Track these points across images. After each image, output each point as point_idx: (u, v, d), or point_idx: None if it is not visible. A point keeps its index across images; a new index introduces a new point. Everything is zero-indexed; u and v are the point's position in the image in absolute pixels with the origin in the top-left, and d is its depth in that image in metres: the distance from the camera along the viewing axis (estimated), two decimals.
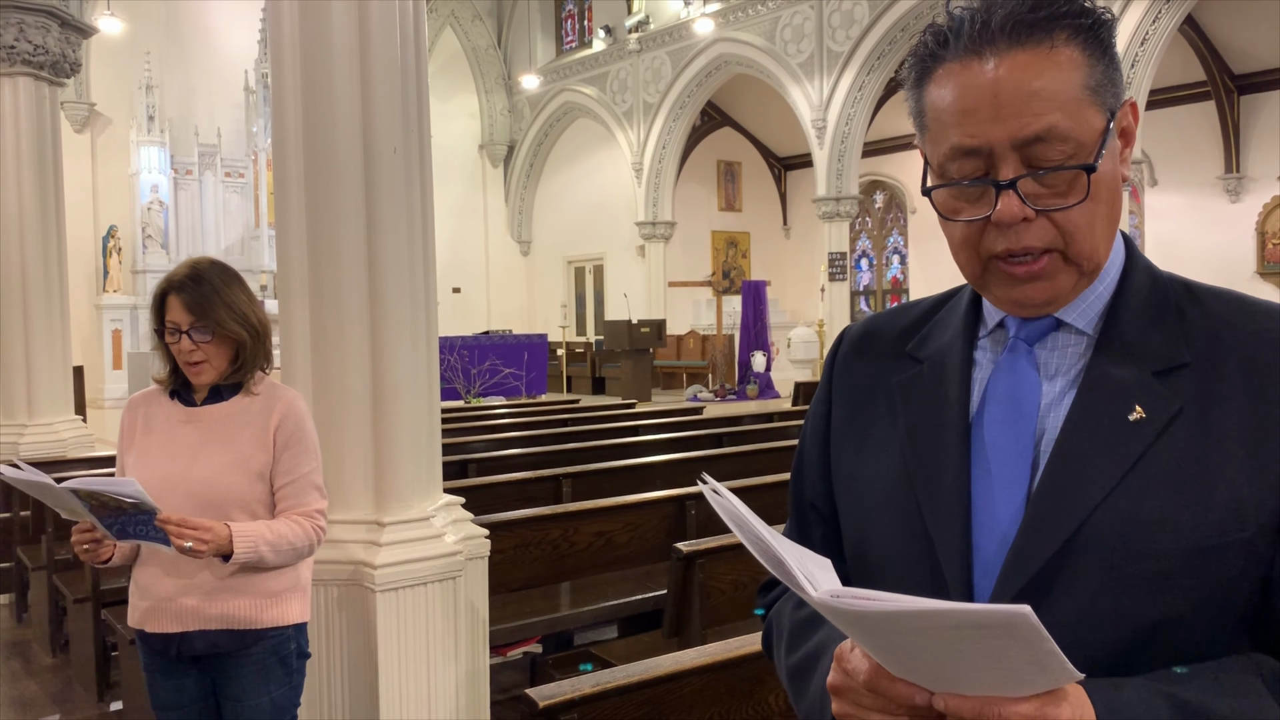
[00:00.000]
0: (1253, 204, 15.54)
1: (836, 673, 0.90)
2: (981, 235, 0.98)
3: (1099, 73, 0.96)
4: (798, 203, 22.02)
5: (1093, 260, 0.98)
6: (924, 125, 1.01)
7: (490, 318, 22.33)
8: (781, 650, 1.14)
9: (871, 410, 1.12)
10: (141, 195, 17.15)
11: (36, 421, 6.74)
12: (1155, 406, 0.95)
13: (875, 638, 0.82)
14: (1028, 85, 0.93)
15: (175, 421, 2.43)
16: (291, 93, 3.03)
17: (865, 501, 1.09)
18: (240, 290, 2.43)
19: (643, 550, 4.34)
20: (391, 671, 2.93)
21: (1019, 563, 0.95)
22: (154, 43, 17.48)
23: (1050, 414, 1.00)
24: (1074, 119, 0.94)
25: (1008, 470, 0.99)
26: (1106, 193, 0.97)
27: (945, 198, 1.00)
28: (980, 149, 0.95)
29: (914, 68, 1.01)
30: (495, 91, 23.03)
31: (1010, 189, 0.94)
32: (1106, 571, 0.92)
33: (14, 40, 6.49)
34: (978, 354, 1.07)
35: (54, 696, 4.73)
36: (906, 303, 1.21)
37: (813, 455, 1.19)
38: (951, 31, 0.97)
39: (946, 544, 0.99)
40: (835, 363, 1.20)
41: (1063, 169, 0.94)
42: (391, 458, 3.04)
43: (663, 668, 2.18)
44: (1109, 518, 0.93)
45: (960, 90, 0.96)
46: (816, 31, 16.73)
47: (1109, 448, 0.95)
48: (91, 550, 2.27)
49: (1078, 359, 1.01)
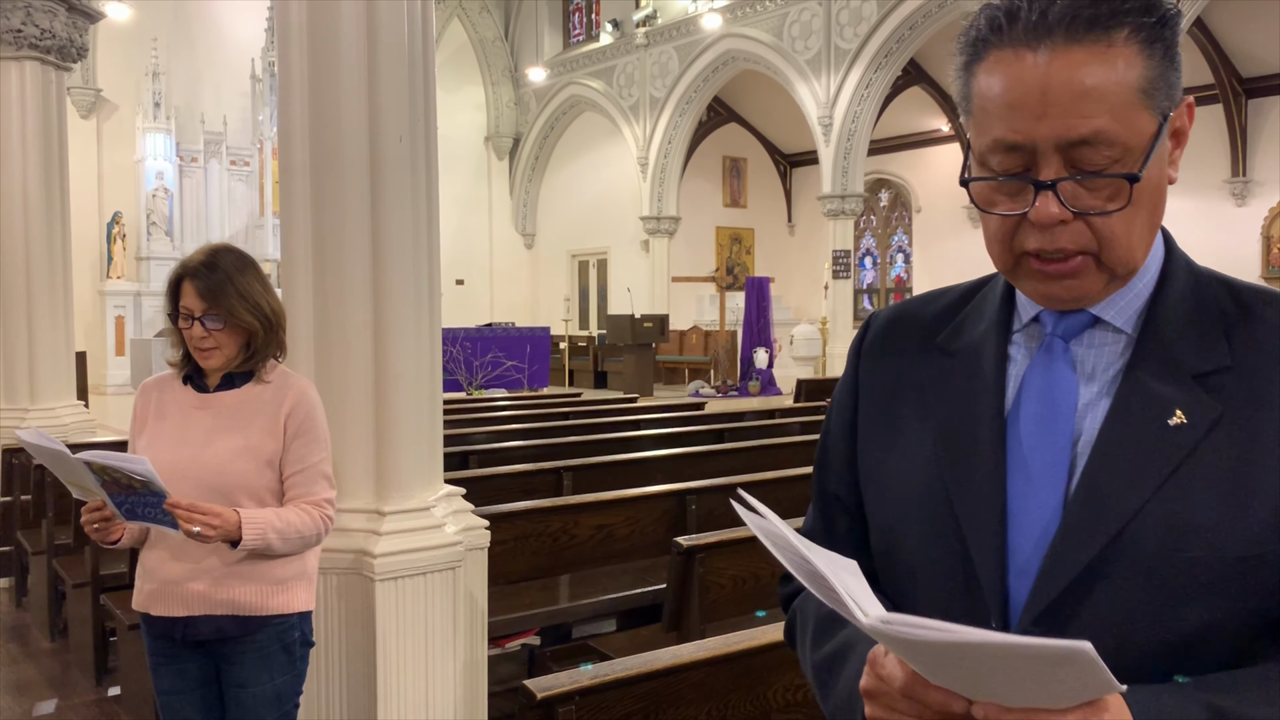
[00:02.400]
0: (1259, 208, 15.52)
1: (870, 677, 0.88)
2: (1016, 230, 0.96)
3: (1156, 75, 0.92)
4: (803, 200, 22.00)
5: (1127, 265, 0.96)
6: (969, 110, 0.98)
7: (493, 310, 22.33)
8: (806, 643, 1.12)
9: (901, 403, 1.09)
10: (147, 182, 17.17)
11: (38, 406, 6.74)
12: (1196, 412, 0.93)
13: (919, 657, 0.81)
14: (1079, 85, 0.89)
15: (187, 407, 2.43)
16: (298, 80, 3.02)
17: (895, 498, 1.07)
18: (255, 279, 2.42)
19: (643, 544, 4.34)
20: (390, 660, 2.93)
21: (1056, 567, 0.93)
22: (161, 29, 17.47)
23: (1088, 415, 0.97)
24: (1123, 123, 0.90)
25: (1045, 471, 0.97)
26: (1149, 198, 0.94)
27: (983, 190, 0.97)
28: (1023, 145, 0.92)
29: (964, 49, 0.97)
30: (502, 84, 23.01)
31: (1050, 190, 0.92)
32: (1143, 578, 0.90)
33: (21, 24, 6.48)
34: (1012, 349, 1.04)
35: (52, 681, 4.73)
36: (936, 290, 1.17)
37: (838, 447, 1.16)
38: (1006, 16, 0.92)
39: (981, 545, 0.97)
40: (862, 351, 1.17)
41: (1105, 176, 0.91)
42: (393, 447, 3.04)
43: (662, 661, 2.18)
44: (1148, 524, 0.91)
45: (1009, 82, 0.92)
46: (824, 28, 16.70)
47: (1149, 453, 0.92)
48: (101, 529, 2.28)
49: (1115, 358, 0.98)
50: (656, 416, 8.39)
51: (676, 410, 9.07)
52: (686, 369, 19.00)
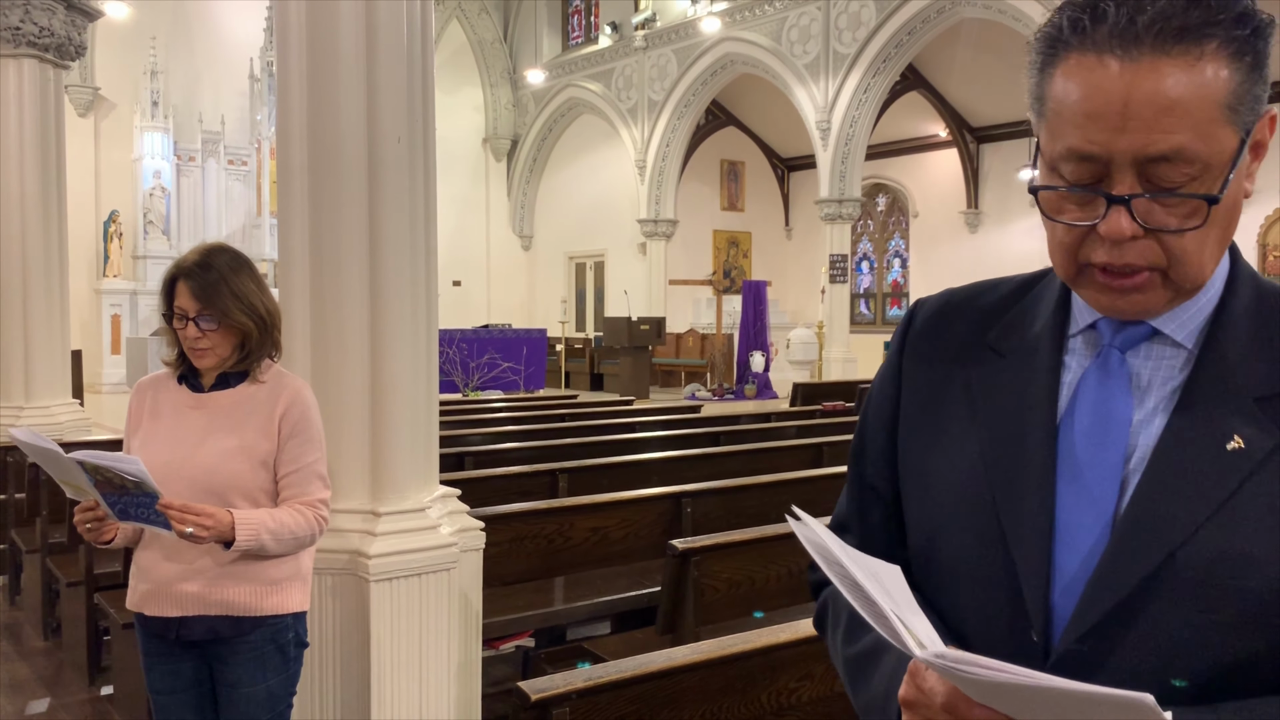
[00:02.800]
0: (1254, 216, 15.53)
1: (910, 688, 0.88)
2: (1083, 240, 0.92)
3: (1243, 89, 0.87)
4: (800, 204, 22.01)
5: (1195, 283, 0.92)
6: (1042, 112, 0.93)
7: (490, 312, 22.32)
8: (838, 638, 1.11)
9: (947, 401, 1.06)
10: (144, 181, 17.15)
11: (33, 404, 6.73)
12: (1255, 436, 0.90)
13: (974, 690, 0.80)
14: (1163, 99, 0.85)
15: (182, 407, 2.42)
16: (297, 80, 3.02)
17: (938, 499, 1.04)
18: (250, 279, 2.41)
19: (638, 547, 4.34)
20: (384, 661, 2.92)
21: (1102, 588, 0.90)
22: (160, 28, 17.46)
23: (1142, 431, 0.94)
24: (1205, 141, 0.86)
25: (1096, 486, 0.94)
26: (1224, 216, 0.91)
27: (1051, 196, 0.93)
28: (1099, 157, 0.88)
29: (1041, 48, 0.92)
30: (500, 85, 23.01)
31: (1123, 205, 0.88)
32: (1191, 605, 0.88)
33: (19, 22, 6.47)
34: (1067, 356, 1.01)
35: (45, 680, 4.72)
36: (987, 281, 1.13)
37: (878, 439, 1.13)
38: (1091, 18, 0.87)
39: (1026, 556, 0.95)
40: (907, 341, 1.13)
41: (1182, 195, 0.87)
42: (389, 448, 3.04)
43: (656, 664, 2.17)
44: (1198, 551, 0.88)
45: (1089, 90, 0.87)
46: (823, 33, 16.72)
47: (1204, 476, 0.90)
48: (94, 529, 2.27)
49: (1174, 374, 0.95)
50: (652, 419, 8.39)
51: (673, 413, 9.07)
52: (683, 372, 19.00)
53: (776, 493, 4.81)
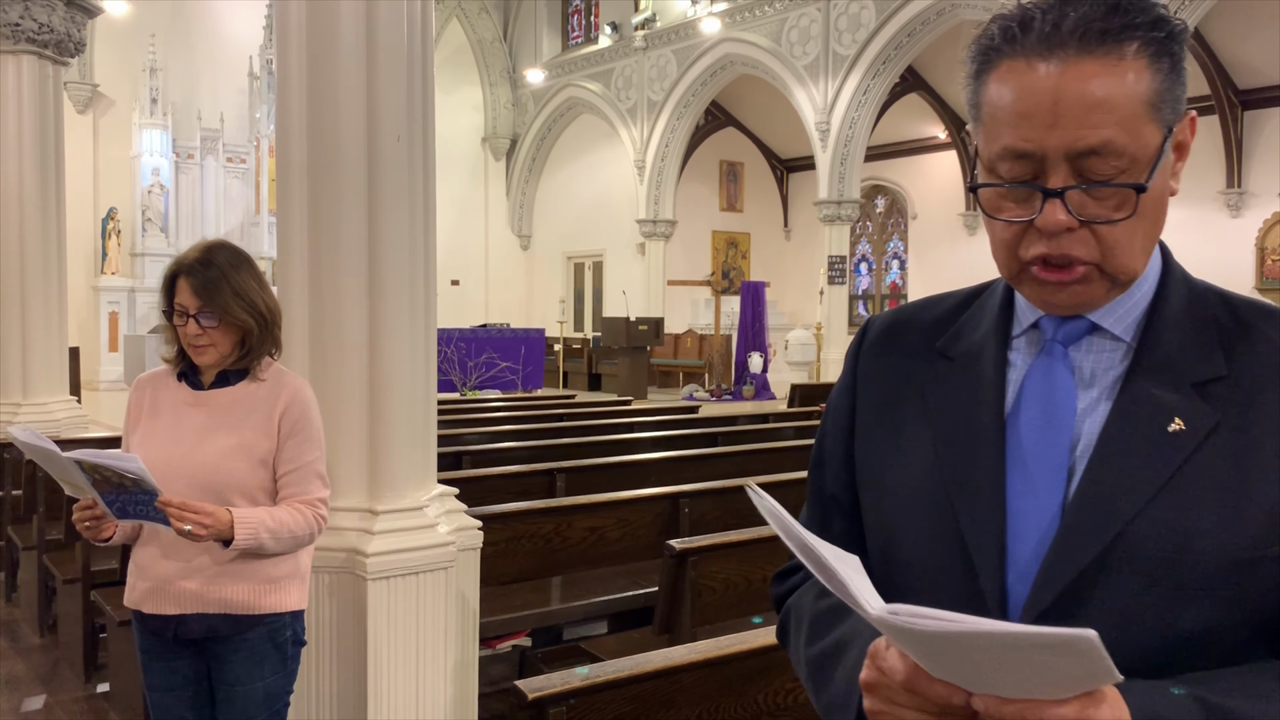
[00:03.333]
0: (1253, 219, 15.55)
1: (871, 669, 0.89)
2: (1022, 236, 0.98)
3: (1163, 88, 0.94)
4: (799, 205, 22.02)
5: (1129, 274, 0.98)
6: (979, 117, 1.00)
7: (488, 311, 22.31)
8: (801, 641, 1.13)
9: (900, 406, 1.11)
10: (142, 178, 17.14)
11: (31, 401, 6.71)
12: (1194, 418, 0.95)
13: (924, 648, 0.82)
14: (1090, 96, 0.92)
15: (181, 404, 2.42)
16: (296, 78, 3.02)
17: (895, 500, 1.08)
18: (251, 276, 2.41)
19: (635, 547, 4.33)
20: (381, 660, 2.92)
21: (1055, 569, 0.94)
22: (159, 25, 17.44)
23: (1087, 419, 0.99)
24: (1131, 135, 0.93)
25: (1045, 475, 0.98)
26: (1152, 209, 0.97)
27: (991, 196, 0.99)
28: (1033, 154, 0.94)
29: (976, 58, 0.99)
30: (500, 85, 23.00)
31: (1058, 198, 0.94)
32: (1142, 581, 0.92)
33: (19, 18, 6.46)
34: (1012, 354, 1.06)
35: (41, 677, 4.72)
36: (934, 295, 1.19)
37: (836, 448, 1.18)
38: (1020, 26, 0.94)
39: (981, 546, 0.99)
40: (860, 354, 1.18)
41: (1113, 185, 0.94)
42: (386, 446, 3.03)
43: (653, 664, 2.17)
44: (1146, 528, 0.93)
45: (1020, 91, 0.94)
46: (823, 34, 16.73)
47: (1148, 457, 0.95)
48: (93, 527, 2.27)
49: (1114, 365, 1.01)
50: (650, 419, 8.38)
51: (670, 413, 9.06)
52: (681, 372, 18.99)
53: (775, 493, 4.73)
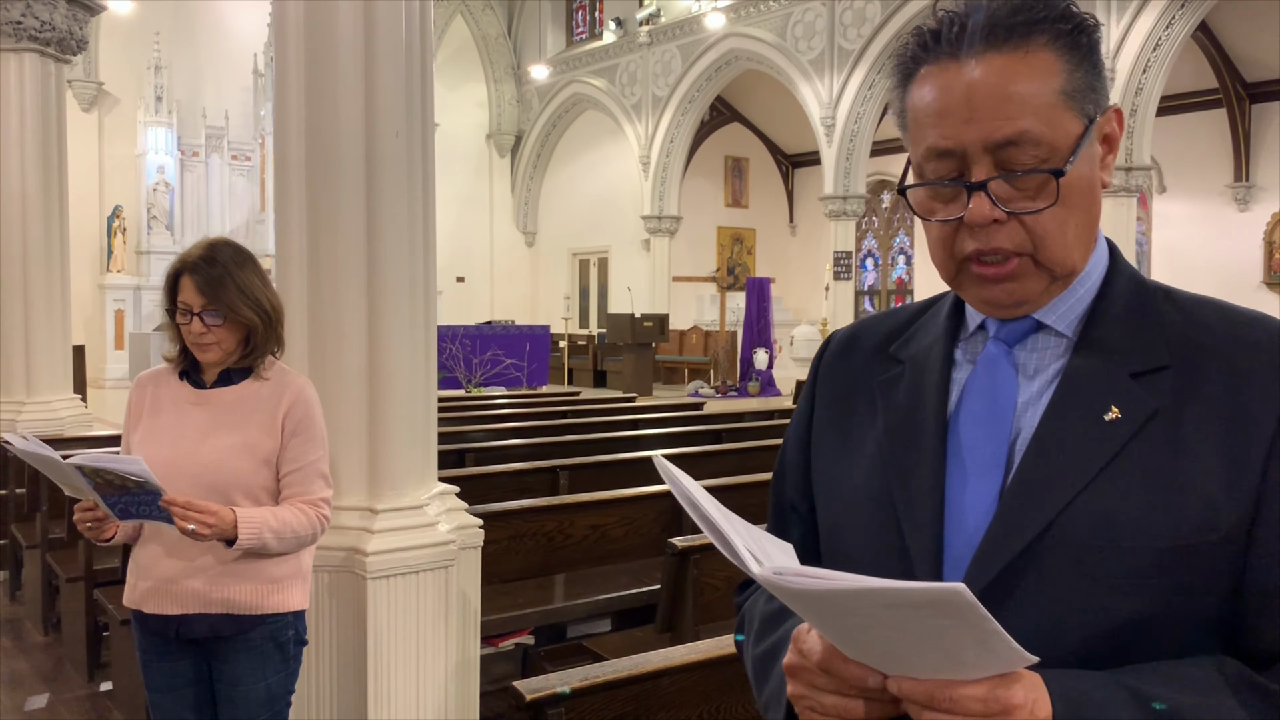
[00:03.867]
0: (1261, 213, 15.48)
1: (792, 653, 0.91)
2: (955, 236, 0.99)
3: (1078, 79, 0.97)
4: (805, 200, 21.97)
5: (1064, 265, 0.99)
6: (905, 125, 1.03)
7: (494, 308, 22.31)
8: (749, 642, 1.15)
9: (853, 411, 1.13)
10: (147, 176, 17.16)
11: (35, 399, 6.72)
12: (1131, 407, 0.95)
13: (824, 618, 0.83)
14: (1002, 89, 0.95)
15: (184, 403, 2.40)
16: (295, 74, 3.00)
17: (840, 499, 1.10)
18: (255, 274, 2.40)
19: (638, 544, 4.32)
20: (381, 659, 2.91)
21: (986, 558, 0.95)
22: (163, 23, 17.45)
23: (1027, 413, 1.00)
24: (1047, 124, 0.95)
25: (982, 468, 1.00)
26: (1080, 198, 0.98)
27: (921, 198, 1.01)
28: (954, 150, 0.97)
29: (897, 69, 1.04)
30: (504, 81, 22.98)
31: (981, 190, 0.96)
32: (1076, 569, 0.92)
33: (20, 16, 6.46)
34: (958, 355, 1.08)
35: (45, 675, 4.72)
36: (894, 307, 1.23)
37: (794, 456, 1.20)
38: (932, 35, 0.99)
39: (918, 540, 1.00)
40: (820, 365, 1.22)
41: (1032, 173, 0.95)
42: (386, 445, 3.02)
43: (652, 664, 2.16)
44: (1080, 515, 0.93)
45: (937, 92, 0.98)
46: (828, 29, 16.67)
47: (1083, 446, 0.95)
48: (94, 529, 2.27)
49: (1056, 359, 1.02)
50: (654, 416, 8.37)
51: (675, 410, 9.05)
52: (686, 369, 18.98)
53: None
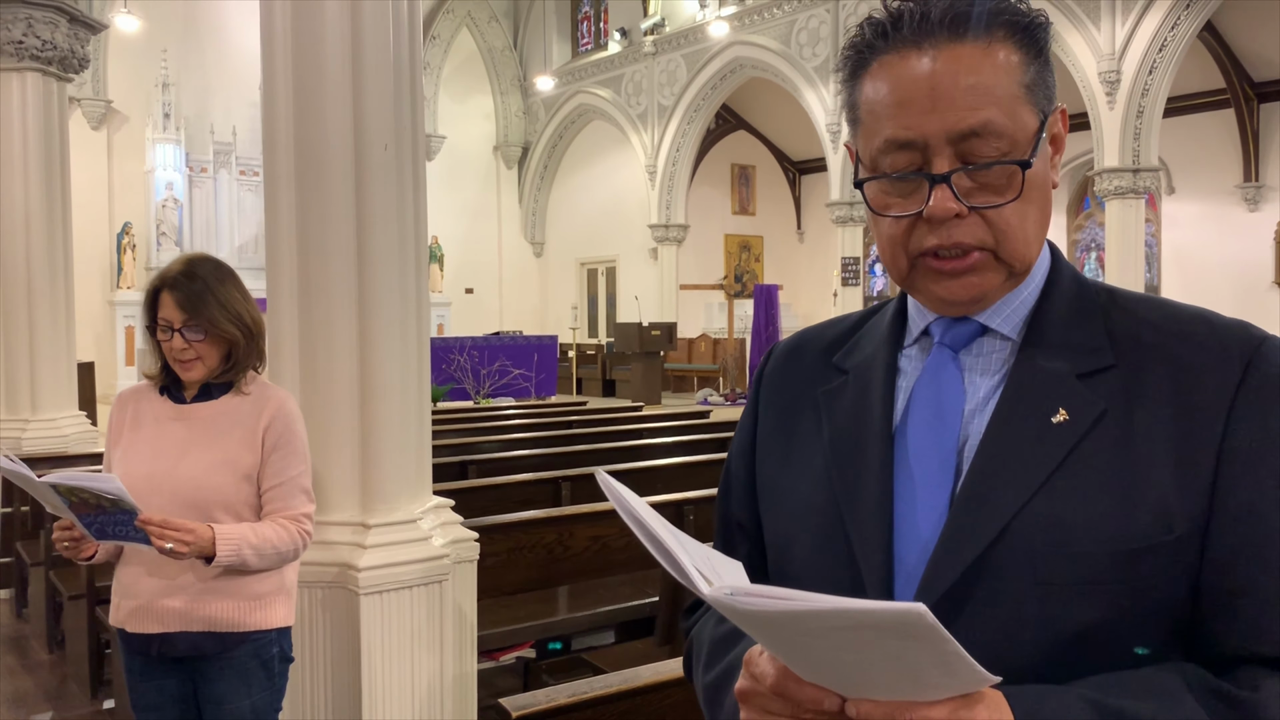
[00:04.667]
0: (1271, 213, 15.37)
1: (745, 678, 0.86)
2: (911, 232, 0.96)
3: (1034, 73, 0.95)
4: (812, 207, 21.93)
5: (1024, 261, 0.97)
6: (856, 119, 0.99)
7: (503, 318, 22.32)
8: (699, 670, 1.10)
9: (797, 421, 1.10)
10: (157, 192, 17.23)
11: (39, 417, 6.73)
12: (1079, 408, 0.93)
13: (778, 640, 0.78)
14: (965, 79, 0.92)
15: (164, 418, 2.39)
16: (283, 88, 2.99)
17: (787, 513, 1.07)
18: (235, 289, 2.39)
19: (639, 555, 4.28)
20: (375, 676, 2.88)
21: (939, 570, 0.92)
22: (171, 41, 17.54)
23: (974, 419, 0.98)
24: (1010, 116, 0.93)
25: (930, 476, 0.97)
26: (1037, 194, 0.96)
27: (876, 192, 0.97)
28: (915, 142, 0.93)
29: (849, 61, 1.00)
30: (510, 93, 23.02)
31: (944, 183, 0.93)
32: (1030, 576, 0.90)
33: (22, 35, 6.49)
34: (903, 362, 1.05)
35: (48, 693, 4.71)
36: (836, 317, 1.20)
37: (739, 471, 1.16)
38: (890, 24, 0.96)
39: (868, 554, 0.96)
40: (763, 377, 1.18)
41: (998, 164, 0.93)
42: (378, 459, 3.00)
43: (643, 678, 2.12)
44: (1031, 521, 0.90)
45: (896, 82, 0.94)
46: (832, 35, 16.66)
47: (1031, 450, 0.92)
48: (72, 548, 2.25)
49: (1002, 364, 0.99)
50: (661, 425, 8.34)
51: (681, 419, 9.01)
52: (695, 377, 18.94)
53: None
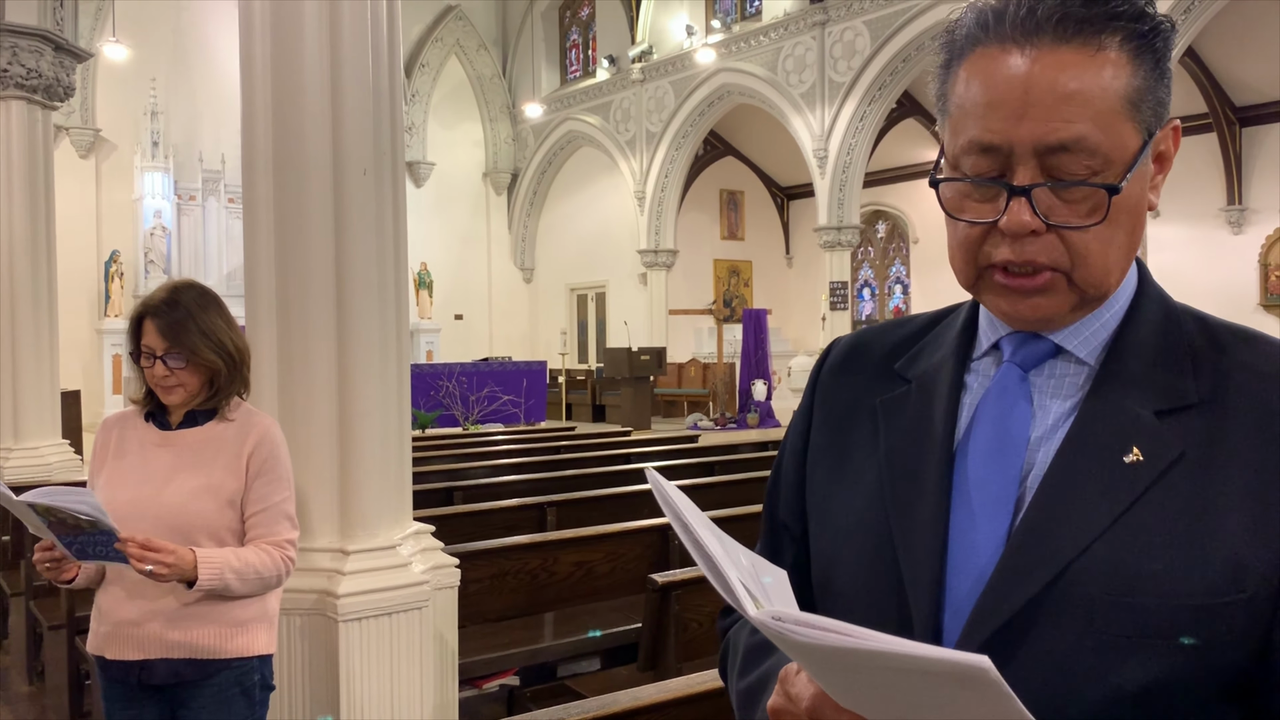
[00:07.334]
0: (1255, 236, 15.48)
1: (779, 695, 0.82)
2: (984, 239, 0.91)
3: (1144, 87, 0.87)
4: (800, 232, 22.01)
5: (1100, 288, 0.90)
6: (946, 110, 0.92)
7: (493, 344, 22.30)
8: (734, 674, 1.06)
9: (853, 429, 1.04)
10: (145, 221, 17.20)
11: (22, 445, 6.70)
12: (1154, 449, 0.86)
13: (821, 668, 0.75)
14: (1063, 87, 0.84)
15: (148, 444, 2.39)
16: (262, 113, 3.00)
17: (836, 527, 1.01)
18: (219, 316, 2.39)
19: (624, 580, 4.26)
20: (355, 703, 2.85)
21: (991, 606, 0.86)
22: (160, 70, 17.58)
23: (1041, 448, 0.91)
24: (1106, 133, 0.85)
25: (989, 505, 0.90)
26: (1127, 218, 0.89)
27: (952, 193, 0.92)
28: (999, 147, 0.87)
29: (946, 46, 0.93)
30: (499, 120, 23.12)
31: (1024, 196, 0.86)
32: (1085, 624, 0.83)
33: (7, 64, 6.51)
34: (969, 377, 0.99)
35: None
36: (901, 317, 1.13)
37: (789, 473, 1.11)
38: (994, 14, 0.88)
39: (917, 579, 0.91)
40: (820, 377, 1.12)
41: (1084, 185, 0.86)
42: (358, 485, 2.98)
43: (621, 703, 2.11)
44: (1092, 566, 0.84)
45: (990, 80, 0.87)
46: (818, 62, 16.78)
47: (1099, 490, 0.86)
48: (53, 569, 2.23)
49: (1075, 390, 0.92)
50: (648, 450, 8.32)
51: (669, 444, 9.00)
52: (685, 401, 18.92)
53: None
